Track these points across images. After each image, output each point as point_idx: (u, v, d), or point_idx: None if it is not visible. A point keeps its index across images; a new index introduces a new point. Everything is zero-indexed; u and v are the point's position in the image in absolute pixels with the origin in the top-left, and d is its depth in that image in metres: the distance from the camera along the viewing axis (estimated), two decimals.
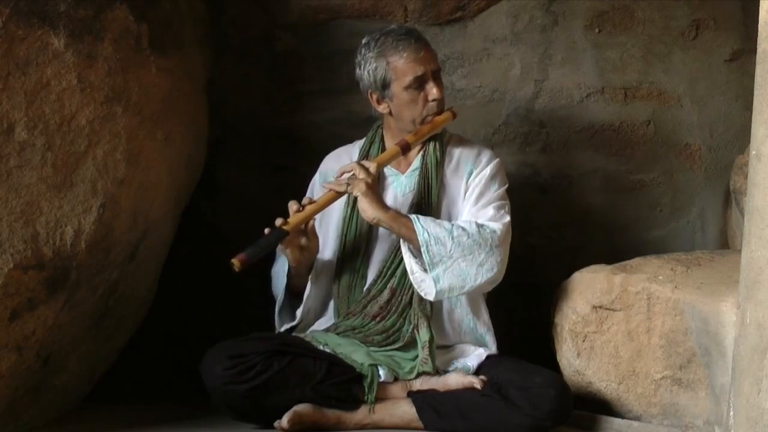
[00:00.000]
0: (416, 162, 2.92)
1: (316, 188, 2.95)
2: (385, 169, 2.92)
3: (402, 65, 2.84)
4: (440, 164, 2.90)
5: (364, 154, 2.94)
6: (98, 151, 2.48)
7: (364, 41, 2.92)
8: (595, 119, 3.45)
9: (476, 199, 2.86)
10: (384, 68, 2.85)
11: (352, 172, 2.78)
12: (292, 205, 2.75)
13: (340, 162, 2.95)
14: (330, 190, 2.79)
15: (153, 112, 2.63)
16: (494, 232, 2.77)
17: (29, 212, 2.36)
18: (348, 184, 2.76)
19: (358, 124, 3.21)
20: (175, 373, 3.21)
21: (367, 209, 2.74)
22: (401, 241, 2.77)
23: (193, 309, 3.36)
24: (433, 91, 2.84)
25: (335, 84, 3.39)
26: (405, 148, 2.85)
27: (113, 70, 2.51)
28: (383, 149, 2.93)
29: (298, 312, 2.87)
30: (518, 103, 3.44)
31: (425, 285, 2.73)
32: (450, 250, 2.71)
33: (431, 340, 2.73)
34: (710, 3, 3.44)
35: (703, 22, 3.45)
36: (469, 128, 3.30)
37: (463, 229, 2.75)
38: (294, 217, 2.73)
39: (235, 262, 2.61)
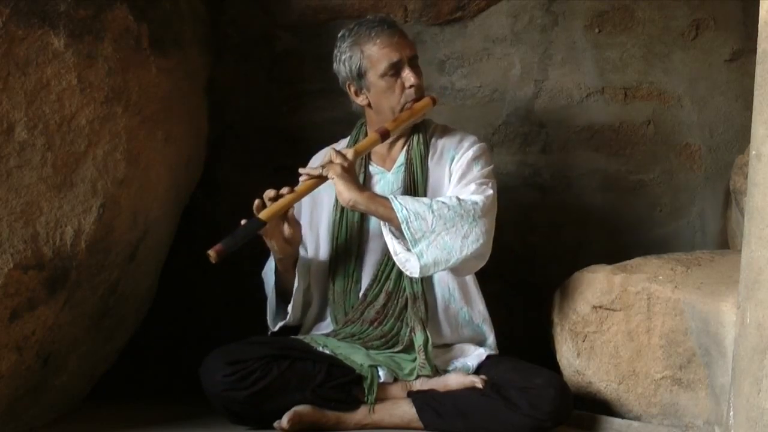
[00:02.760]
0: (401, 158, 2.89)
1: (327, 159, 2.91)
2: (371, 167, 2.90)
3: (376, 52, 2.80)
4: (425, 158, 2.86)
5: None
6: (98, 151, 2.48)
7: (339, 35, 2.89)
8: (595, 119, 3.45)
9: (458, 180, 2.82)
10: (359, 57, 2.82)
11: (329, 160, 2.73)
12: (269, 193, 2.69)
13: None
14: (307, 176, 2.73)
15: (153, 112, 2.63)
16: (476, 203, 2.71)
17: (29, 212, 2.36)
18: (323, 167, 2.70)
19: None
20: (175, 373, 3.21)
21: (343, 191, 2.67)
22: (381, 223, 2.72)
23: (193, 309, 3.36)
24: (410, 77, 2.80)
25: (335, 84, 3.36)
26: (384, 135, 2.79)
27: (113, 70, 2.51)
28: None
29: (290, 308, 2.84)
30: (518, 103, 3.44)
31: (409, 264, 2.67)
32: (431, 225, 2.65)
33: (426, 343, 2.72)
34: (710, 3, 3.45)
35: (703, 22, 3.45)
36: (469, 128, 3.29)
37: (443, 202, 2.69)
38: (271, 207, 2.67)
39: (211, 253, 2.55)
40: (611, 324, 2.79)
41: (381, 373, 2.68)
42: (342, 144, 2.98)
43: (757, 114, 1.99)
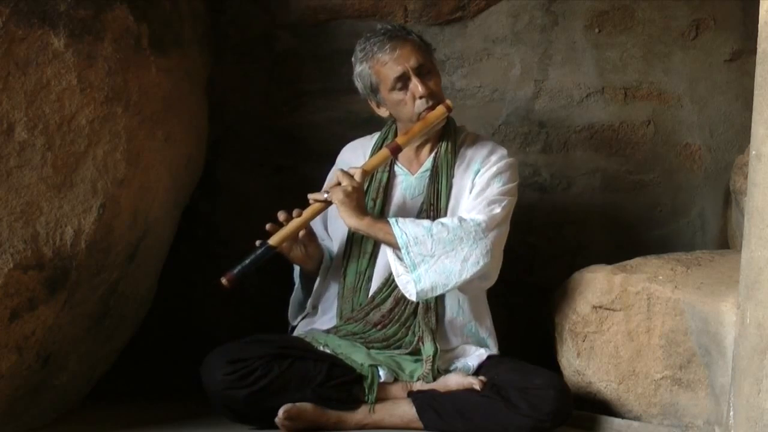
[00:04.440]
0: (427, 163, 2.87)
1: (330, 177, 2.91)
2: (396, 167, 2.89)
3: (381, 68, 2.79)
4: (451, 166, 2.85)
5: (377, 150, 2.89)
6: (98, 151, 2.48)
7: (355, 48, 2.88)
8: (595, 119, 3.45)
9: (476, 195, 2.81)
10: (368, 74, 2.82)
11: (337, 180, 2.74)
12: (280, 215, 2.73)
13: (355, 154, 2.93)
14: (313, 201, 2.74)
15: (153, 112, 2.63)
16: (478, 224, 2.71)
17: (29, 212, 2.36)
18: (327, 193, 2.72)
19: (358, 124, 3.21)
20: (175, 373, 3.21)
21: (345, 218, 2.71)
22: (383, 245, 2.75)
23: (193, 309, 3.36)
24: (417, 88, 2.77)
25: (335, 84, 3.39)
26: (395, 151, 2.79)
27: (113, 70, 2.51)
28: None
29: (308, 305, 2.88)
30: (518, 103, 3.44)
31: (409, 286, 2.69)
32: (431, 249, 2.67)
33: (435, 354, 2.72)
34: (710, 3, 3.45)
35: (703, 22, 3.45)
36: (469, 128, 3.29)
37: (443, 224, 2.70)
38: (280, 232, 2.70)
39: (224, 281, 2.63)
40: (611, 324, 2.79)
41: (381, 372, 2.68)
42: (375, 139, 2.97)
43: (757, 114, 1.99)
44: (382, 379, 2.67)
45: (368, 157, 2.88)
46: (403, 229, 2.69)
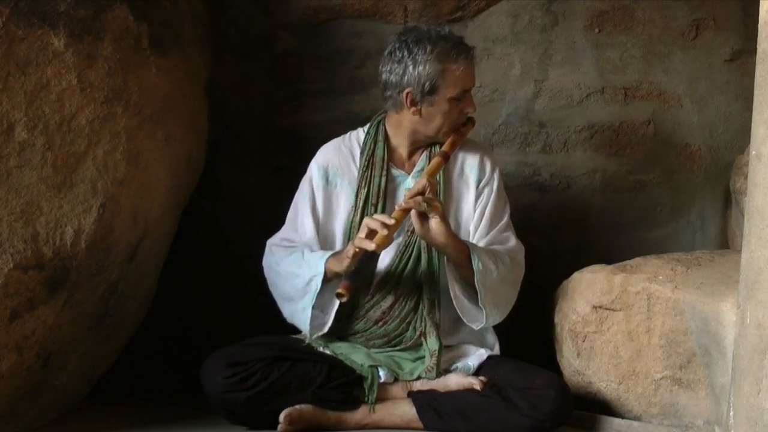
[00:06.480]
0: (421, 162, 2.88)
1: (315, 182, 2.87)
2: (393, 170, 2.88)
3: (456, 76, 2.79)
4: (446, 167, 2.87)
5: (370, 152, 2.87)
6: (98, 151, 2.48)
7: (414, 37, 2.80)
8: (595, 119, 3.45)
9: (491, 220, 2.86)
10: (437, 73, 2.77)
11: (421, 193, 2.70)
12: (380, 228, 2.63)
13: (341, 155, 2.90)
14: (401, 208, 2.69)
15: (153, 112, 2.63)
16: (521, 268, 2.87)
17: (29, 212, 2.36)
18: (427, 205, 2.67)
19: (358, 124, 3.20)
20: (175, 373, 3.21)
21: (440, 235, 2.68)
22: (446, 262, 2.74)
23: (193, 309, 3.36)
24: (471, 106, 2.85)
25: (335, 84, 3.39)
26: (446, 159, 2.84)
27: (113, 70, 2.51)
28: (389, 148, 2.88)
29: (328, 319, 2.75)
30: (518, 103, 3.44)
31: (470, 314, 2.75)
32: (491, 282, 2.74)
33: (440, 350, 2.72)
34: (710, 3, 3.45)
35: (703, 22, 3.45)
36: None
37: (504, 264, 2.78)
38: (380, 239, 2.62)
39: (343, 291, 2.55)
40: (611, 324, 2.79)
41: (381, 373, 2.68)
42: (355, 138, 2.94)
43: (757, 114, 1.99)
44: (382, 380, 2.67)
45: (359, 159, 2.87)
46: (480, 257, 2.73)
